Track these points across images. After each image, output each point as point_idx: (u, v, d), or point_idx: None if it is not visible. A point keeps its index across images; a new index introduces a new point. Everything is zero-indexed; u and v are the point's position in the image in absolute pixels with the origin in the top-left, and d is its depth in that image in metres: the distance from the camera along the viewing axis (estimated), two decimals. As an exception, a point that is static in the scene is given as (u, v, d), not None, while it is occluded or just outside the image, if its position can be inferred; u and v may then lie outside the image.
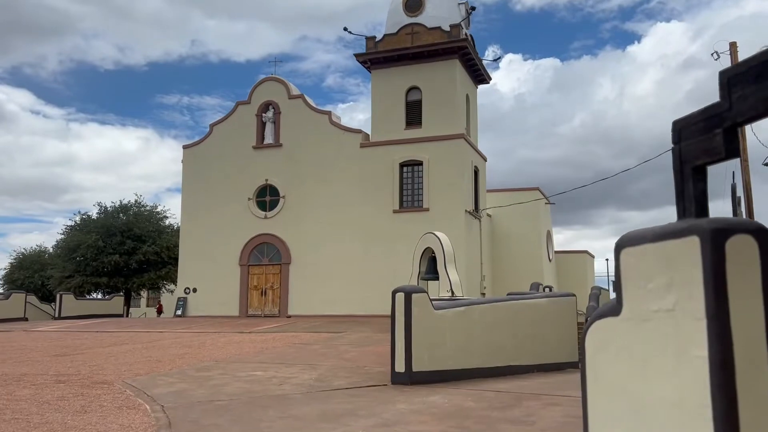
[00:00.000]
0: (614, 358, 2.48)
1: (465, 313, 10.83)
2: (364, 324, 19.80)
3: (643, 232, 2.50)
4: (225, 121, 28.65)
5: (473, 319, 11.12)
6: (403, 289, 9.31)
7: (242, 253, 27.31)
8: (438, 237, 16.23)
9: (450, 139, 24.84)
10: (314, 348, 13.72)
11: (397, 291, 9.32)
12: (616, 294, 2.59)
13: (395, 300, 9.30)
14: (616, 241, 2.43)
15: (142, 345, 15.31)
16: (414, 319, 9.26)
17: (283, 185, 27.13)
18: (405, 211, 25.14)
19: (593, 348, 2.68)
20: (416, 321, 9.31)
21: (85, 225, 35.00)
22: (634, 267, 2.37)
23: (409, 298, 9.23)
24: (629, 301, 2.36)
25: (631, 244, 2.37)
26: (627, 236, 2.61)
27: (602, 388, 2.58)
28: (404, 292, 9.25)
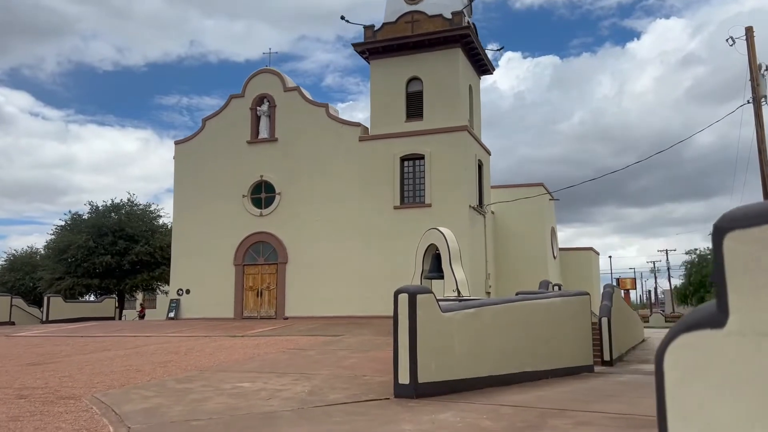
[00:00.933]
0: (716, 390, 1.70)
1: (476, 315, 9.76)
2: (364, 326, 18.72)
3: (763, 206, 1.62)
4: (218, 116, 27.56)
5: (485, 322, 10.06)
6: (406, 290, 8.23)
7: (237, 252, 26.23)
8: (442, 233, 15.14)
9: (452, 131, 23.76)
10: (310, 354, 12.64)
11: (400, 291, 8.24)
12: (718, 297, 1.69)
13: (398, 302, 8.22)
14: (715, 224, 1.70)
15: (126, 351, 14.23)
16: (419, 323, 8.18)
17: (279, 181, 26.05)
18: (406, 207, 24.06)
19: (678, 373, 1.77)
20: (422, 325, 8.23)
21: (75, 225, 33.92)
22: (749, 258, 1.63)
23: (414, 299, 8.16)
24: (740, 308, 1.65)
25: (743, 225, 1.64)
26: (736, 214, 1.68)
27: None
28: (408, 292, 8.18)
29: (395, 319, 8.23)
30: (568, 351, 12.40)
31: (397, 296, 8.25)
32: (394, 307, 8.28)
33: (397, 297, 8.25)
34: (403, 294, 8.21)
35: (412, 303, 8.16)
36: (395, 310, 8.27)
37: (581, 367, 12.69)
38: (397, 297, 8.24)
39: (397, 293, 8.27)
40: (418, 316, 8.20)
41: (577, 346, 12.70)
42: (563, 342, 12.27)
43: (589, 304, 13.69)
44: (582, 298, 13.34)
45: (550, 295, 13.48)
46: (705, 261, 49.26)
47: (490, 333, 10.16)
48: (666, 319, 52.03)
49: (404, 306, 8.16)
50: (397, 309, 8.22)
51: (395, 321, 8.22)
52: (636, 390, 10.34)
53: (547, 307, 12.15)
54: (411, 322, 8.11)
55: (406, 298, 8.17)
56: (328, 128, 25.51)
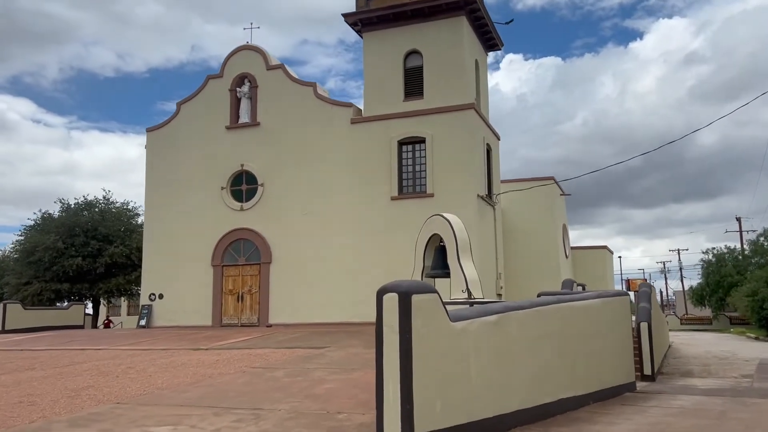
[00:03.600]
0: None
1: (499, 324, 6.80)
2: (354, 335, 15.75)
3: None
4: (194, 99, 24.62)
5: (511, 334, 7.09)
6: (396, 288, 5.25)
7: (215, 251, 23.26)
8: (448, 220, 12.17)
9: (457, 110, 20.79)
10: (276, 376, 9.65)
11: (386, 290, 5.26)
12: None
13: (383, 306, 5.25)
14: None
15: (51, 371, 11.28)
16: (417, 338, 5.21)
17: (262, 171, 23.09)
18: (405, 197, 21.08)
19: None
20: (421, 342, 5.26)
21: (45, 225, 31.01)
22: None
23: (408, 302, 5.19)
24: None
25: None
26: None
27: None
28: (399, 291, 5.20)
29: (378, 335, 5.25)
30: (608, 366, 9.47)
31: (381, 297, 5.27)
32: (378, 315, 5.31)
33: (381, 298, 5.27)
34: (390, 294, 5.23)
35: (405, 307, 5.19)
36: (379, 319, 5.29)
37: (623, 387, 9.75)
38: (382, 298, 5.26)
39: (382, 293, 5.29)
40: (416, 327, 5.23)
41: (617, 359, 9.77)
42: (604, 355, 9.36)
43: (629, 307, 10.80)
44: (622, 300, 10.43)
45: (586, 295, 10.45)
46: (723, 261, 46.27)
47: (518, 349, 7.20)
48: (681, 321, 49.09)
49: (393, 312, 5.19)
50: (382, 318, 5.24)
51: (378, 337, 5.24)
52: (721, 425, 7.35)
53: (585, 311, 9.21)
54: (404, 337, 5.14)
55: (395, 301, 5.20)
56: (317, 110, 22.56)
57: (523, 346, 7.33)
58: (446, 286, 12.44)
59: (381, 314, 5.28)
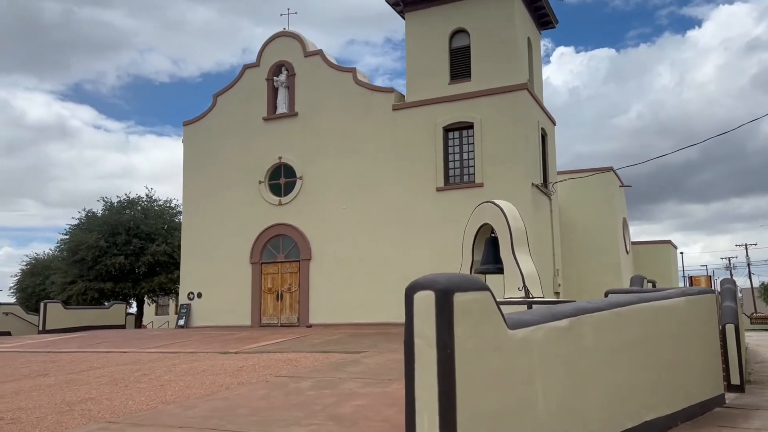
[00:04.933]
0: None
1: (571, 331, 5.25)
2: (395, 338, 14.31)
3: None
4: (230, 90, 23.68)
5: (585, 343, 5.51)
6: (432, 283, 3.77)
7: (254, 248, 22.24)
8: (501, 208, 10.61)
9: (509, 92, 19.08)
10: (301, 387, 8.31)
11: (419, 288, 3.79)
12: None
13: (413, 310, 3.79)
14: None
15: (63, 378, 10.29)
16: (463, 353, 3.73)
17: (300, 164, 21.93)
18: (452, 188, 19.52)
19: None
20: (468, 358, 3.77)
21: (88, 223, 30.78)
22: None
23: (448, 303, 3.71)
24: None
25: None
26: None
27: None
28: (435, 289, 3.72)
29: (408, 349, 3.78)
30: (696, 378, 7.77)
31: (411, 297, 3.80)
32: (407, 323, 3.84)
33: (411, 299, 3.80)
34: (424, 292, 3.76)
35: (444, 311, 3.70)
36: (408, 327, 3.82)
37: (711, 401, 8.00)
38: (412, 299, 3.79)
39: (412, 290, 3.82)
40: (460, 338, 3.74)
41: (704, 368, 8.05)
42: (690, 364, 7.68)
43: (715, 307, 9.02)
44: (707, 298, 8.67)
45: (669, 293, 8.71)
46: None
47: (594, 362, 5.63)
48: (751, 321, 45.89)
49: (427, 318, 3.72)
50: (413, 326, 3.78)
51: (408, 352, 3.77)
52: None
53: (670, 312, 7.52)
54: (444, 353, 3.66)
55: (430, 301, 3.72)
56: (357, 97, 21.22)
57: (600, 358, 5.74)
58: (499, 283, 10.90)
59: (411, 321, 3.81)
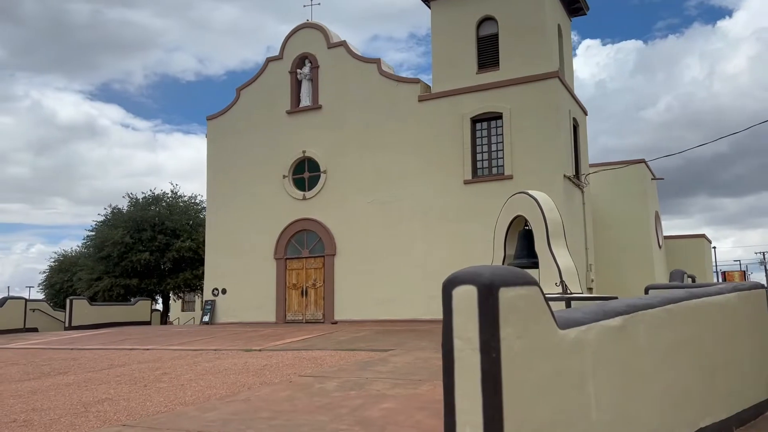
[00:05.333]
0: None
1: (624, 330, 4.71)
2: (424, 335, 13.85)
3: None
4: (254, 84, 23.38)
5: (639, 344, 4.98)
6: (474, 277, 3.27)
7: (278, 243, 21.93)
8: (535, 198, 10.04)
9: (539, 80, 18.41)
10: (326, 388, 7.88)
11: (459, 282, 3.29)
12: None
13: (452, 307, 3.29)
14: None
15: (82, 377, 10.03)
16: (510, 358, 3.22)
17: (324, 157, 21.53)
18: (480, 180, 18.93)
19: None
20: (516, 364, 3.27)
21: (114, 219, 30.85)
22: None
23: (493, 299, 3.20)
24: None
25: None
26: None
27: None
28: (478, 283, 3.22)
29: (446, 353, 3.28)
30: (749, 379, 7.16)
31: (450, 293, 3.31)
32: (445, 322, 3.34)
33: (450, 294, 3.30)
34: (465, 288, 3.26)
35: (489, 309, 3.20)
36: (446, 327, 3.32)
37: (763, 404, 7.38)
38: (451, 294, 3.29)
39: (451, 285, 3.32)
40: (507, 340, 3.24)
41: (757, 368, 7.43)
42: (743, 365, 7.08)
43: (766, 303, 8.35)
44: (758, 294, 8.02)
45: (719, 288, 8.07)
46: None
47: (648, 364, 5.09)
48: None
49: (469, 317, 3.22)
50: (452, 326, 3.28)
51: (447, 357, 3.28)
52: None
53: (722, 309, 6.92)
54: (488, 358, 3.16)
55: (472, 298, 3.22)
56: (381, 88, 20.73)
57: (654, 360, 5.19)
58: (534, 278, 10.32)
59: (449, 320, 3.32)
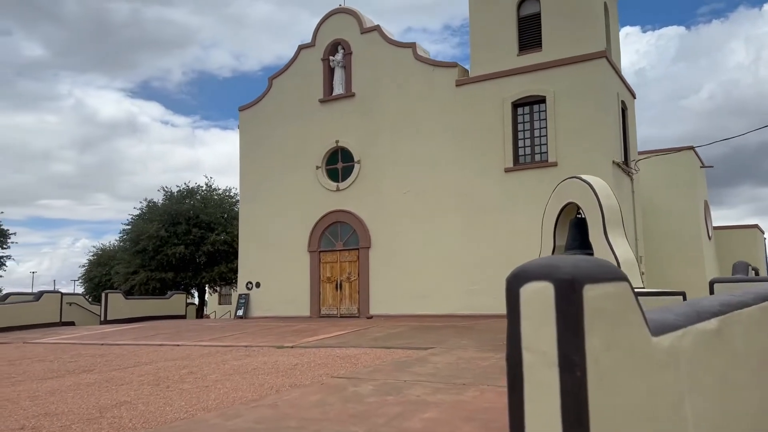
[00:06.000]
0: None
1: (719, 335, 3.82)
2: (464, 332, 13.06)
3: None
4: (286, 72, 22.86)
5: (735, 349, 4.10)
6: (550, 271, 2.45)
7: (311, 236, 21.39)
8: (589, 184, 9.13)
9: (585, 61, 17.37)
10: (361, 392, 7.19)
11: (529, 277, 2.50)
12: None
13: (520, 309, 2.49)
14: None
15: (106, 375, 9.57)
16: (596, 375, 2.41)
17: (358, 147, 20.87)
18: (522, 168, 18.00)
19: None
20: (603, 381, 2.45)
21: (150, 213, 30.82)
22: None
23: (576, 300, 2.39)
24: None
25: None
26: None
27: None
28: (555, 279, 2.42)
29: (513, 368, 2.51)
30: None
31: (516, 291, 2.52)
32: (511, 328, 2.56)
33: (516, 293, 2.52)
34: (538, 285, 2.46)
35: (570, 313, 2.40)
36: (513, 336, 2.54)
37: None
38: (518, 293, 2.51)
39: (518, 282, 2.53)
40: (592, 352, 2.43)
41: None
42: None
43: None
44: None
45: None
46: None
47: (745, 375, 4.22)
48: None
49: (543, 324, 2.43)
50: (519, 333, 2.49)
51: (513, 373, 2.50)
52: None
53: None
54: (569, 377, 2.37)
55: (548, 298, 2.42)
56: (417, 73, 19.93)
57: (749, 368, 4.33)
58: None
59: (516, 327, 2.53)
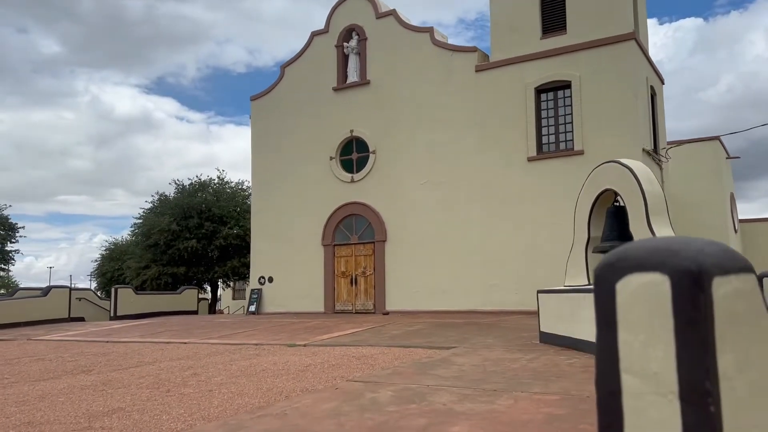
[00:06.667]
0: None
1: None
2: (488, 330, 12.26)
3: None
4: (299, 60, 22.10)
5: None
6: (665, 259, 1.68)
7: (325, 229, 20.68)
8: (630, 168, 8.29)
9: (612, 43, 16.42)
10: (379, 399, 6.43)
11: (628, 267, 1.73)
12: None
13: (617, 313, 1.72)
14: None
15: (104, 377, 8.93)
16: (732, 410, 1.63)
17: (373, 137, 20.09)
18: (546, 157, 17.13)
19: None
20: (740, 422, 1.67)
21: (161, 207, 30.30)
22: None
23: (704, 299, 1.62)
24: None
25: None
26: None
27: None
28: (674, 270, 1.64)
29: (606, 398, 1.74)
30: None
31: (612, 286, 1.75)
32: (600, 340, 1.78)
33: (612, 290, 1.75)
34: (644, 278, 1.69)
35: (696, 319, 1.63)
36: (605, 352, 1.76)
37: None
38: (615, 290, 1.74)
39: (614, 272, 1.76)
40: (725, 373, 1.65)
41: None
42: None
43: None
44: None
45: None
46: None
47: None
48: None
49: (654, 335, 1.66)
50: (617, 349, 1.71)
51: (607, 405, 1.74)
52: None
53: None
54: (697, 411, 1.59)
55: (661, 296, 1.65)
56: (435, 59, 19.10)
57: None
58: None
59: (611, 336, 1.76)
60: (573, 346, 8.81)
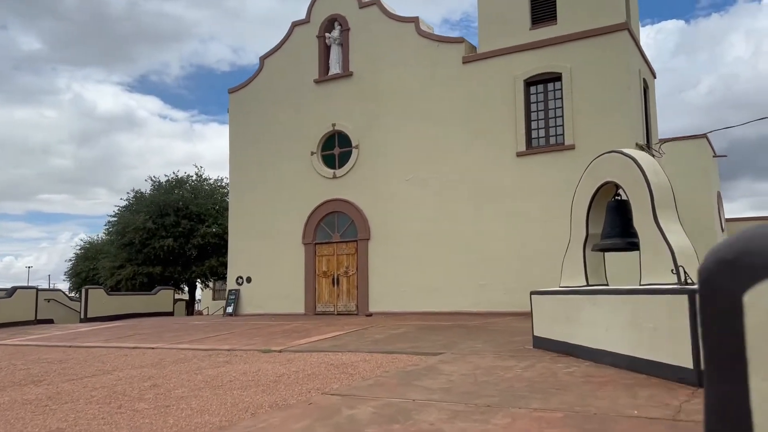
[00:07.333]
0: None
1: None
2: (477, 333, 11.53)
3: None
4: (278, 51, 21.24)
5: None
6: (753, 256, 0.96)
7: (306, 227, 19.85)
8: (633, 158, 7.59)
9: (604, 34, 15.79)
10: (358, 416, 5.64)
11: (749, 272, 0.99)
12: None
13: (747, 332, 0.97)
14: None
15: (54, 389, 8.06)
16: None
17: (356, 131, 19.31)
18: (536, 152, 16.46)
19: None
20: None
21: (137, 204, 29.25)
22: None
23: None
24: None
25: None
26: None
27: None
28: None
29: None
30: None
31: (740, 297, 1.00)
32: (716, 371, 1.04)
33: (739, 303, 0.99)
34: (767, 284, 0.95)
35: None
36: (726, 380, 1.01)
37: None
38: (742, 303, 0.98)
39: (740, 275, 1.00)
40: None
41: None
42: None
43: None
44: None
45: None
46: None
47: None
48: None
49: None
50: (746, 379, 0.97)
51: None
52: None
53: None
54: None
55: None
56: (420, 50, 18.36)
57: None
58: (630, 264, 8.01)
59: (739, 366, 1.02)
60: (570, 352, 8.12)
